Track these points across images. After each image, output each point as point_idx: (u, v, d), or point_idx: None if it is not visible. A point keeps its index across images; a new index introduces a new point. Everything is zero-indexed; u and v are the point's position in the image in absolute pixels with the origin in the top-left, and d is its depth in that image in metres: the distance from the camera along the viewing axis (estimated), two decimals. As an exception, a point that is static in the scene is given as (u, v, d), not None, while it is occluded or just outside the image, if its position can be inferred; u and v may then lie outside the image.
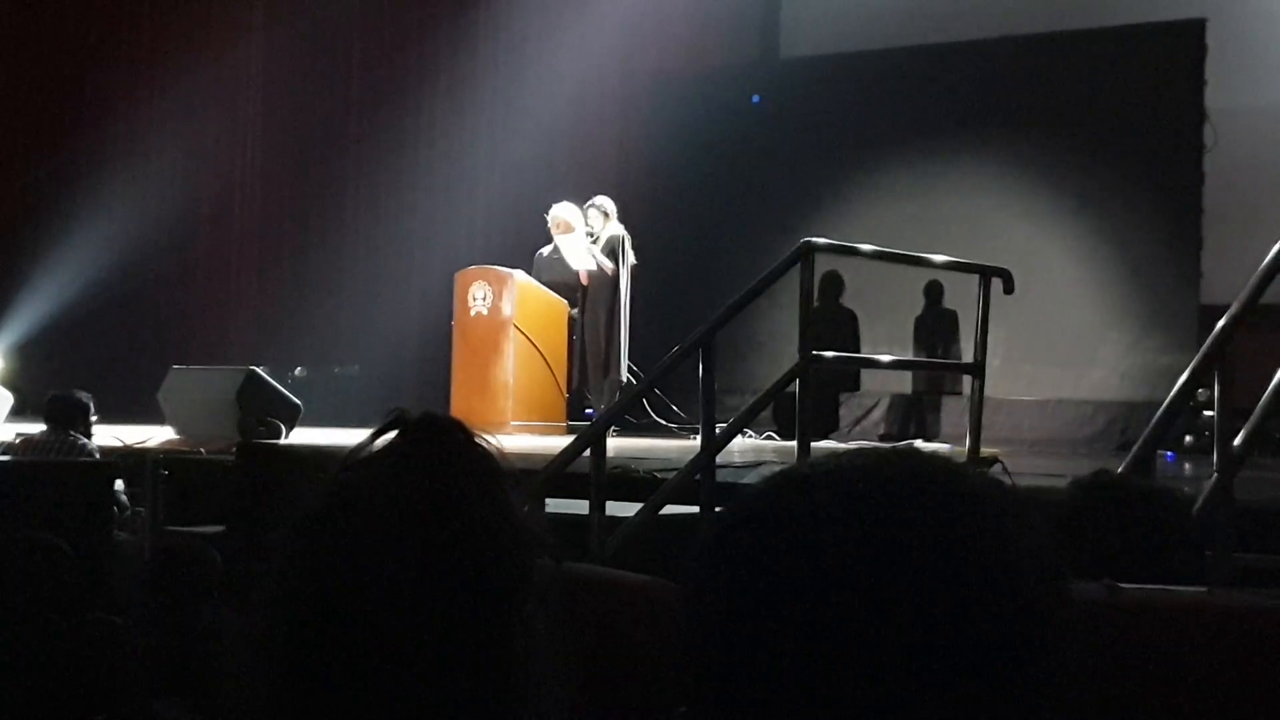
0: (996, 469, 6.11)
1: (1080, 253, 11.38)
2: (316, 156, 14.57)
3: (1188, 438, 9.40)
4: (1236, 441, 5.06)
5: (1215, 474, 5.01)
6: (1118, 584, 1.78)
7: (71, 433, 8.11)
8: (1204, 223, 10.93)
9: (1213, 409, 5.43)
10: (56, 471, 7.01)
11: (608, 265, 10.35)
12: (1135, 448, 4.94)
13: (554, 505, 5.91)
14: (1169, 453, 8.84)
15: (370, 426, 1.31)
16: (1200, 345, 5.47)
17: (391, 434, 1.30)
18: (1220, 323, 5.21)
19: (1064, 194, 11.43)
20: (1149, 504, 2.66)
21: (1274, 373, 5.25)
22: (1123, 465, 4.77)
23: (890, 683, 0.84)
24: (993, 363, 7.45)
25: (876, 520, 0.88)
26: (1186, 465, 8.58)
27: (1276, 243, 5.37)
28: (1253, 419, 5.19)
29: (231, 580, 4.79)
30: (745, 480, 6.29)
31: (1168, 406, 5.05)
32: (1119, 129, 11.23)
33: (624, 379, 10.23)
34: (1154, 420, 5.01)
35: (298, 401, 9.56)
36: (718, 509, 1.06)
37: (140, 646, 3.95)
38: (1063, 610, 0.89)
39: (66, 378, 9.86)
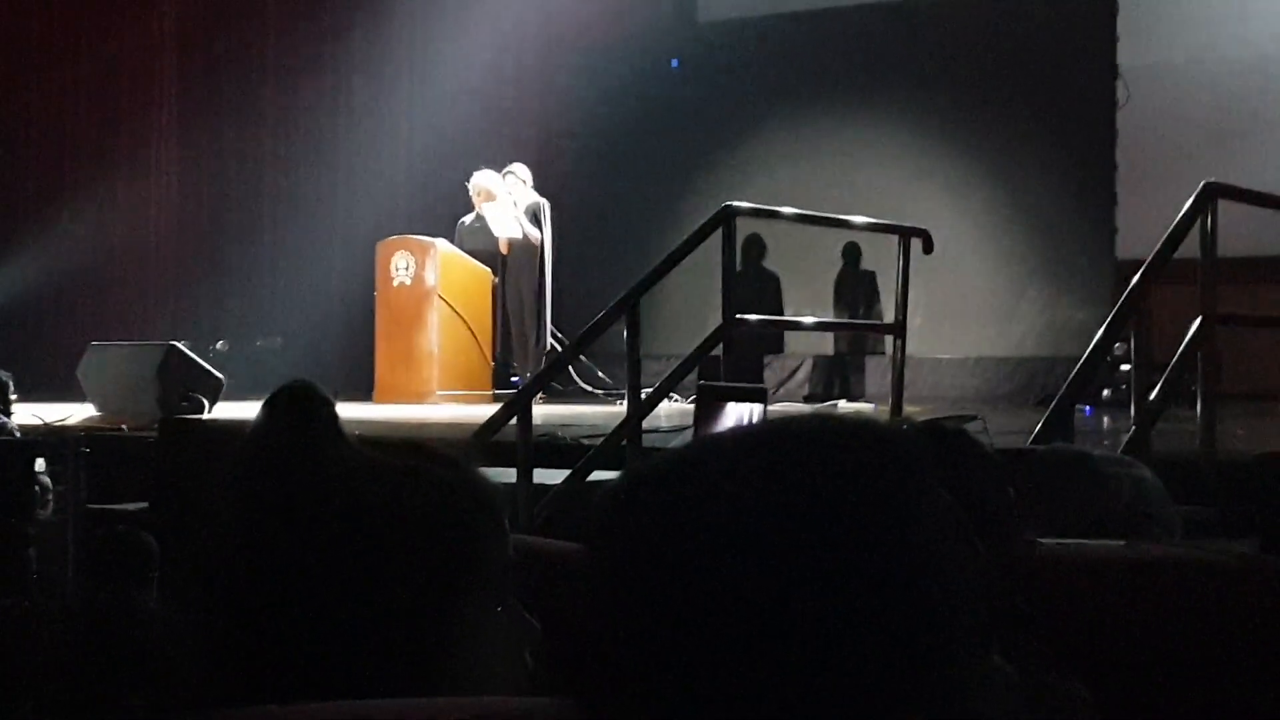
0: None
1: (997, 211, 11.47)
2: (233, 125, 14.40)
3: (1105, 391, 9.51)
4: (1153, 395, 5.15)
5: (1133, 427, 5.09)
6: (1036, 539, 1.82)
7: (-10, 412, 8.01)
8: (1118, 179, 11.04)
9: (1130, 363, 5.52)
10: (-25, 452, 6.92)
11: (534, 233, 10.32)
12: (1054, 402, 5.00)
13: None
14: (1087, 407, 8.94)
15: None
16: (1116, 300, 5.55)
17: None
18: (1135, 278, 5.29)
19: (979, 152, 11.51)
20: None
21: (1189, 326, 5.34)
22: (1042, 420, 4.84)
23: (787, 639, 0.86)
24: (914, 322, 7.51)
25: (778, 477, 0.89)
26: (1105, 419, 8.69)
27: (1189, 198, 5.45)
28: (1168, 372, 5.28)
29: (162, 559, 4.74)
30: (673, 445, 6.32)
31: (1085, 361, 5.12)
32: (1033, 86, 11.31)
33: (549, 346, 10.22)
34: (1072, 375, 5.09)
35: (220, 376, 9.47)
36: (627, 468, 1.07)
37: (78, 634, 3.91)
38: (959, 564, 0.91)
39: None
